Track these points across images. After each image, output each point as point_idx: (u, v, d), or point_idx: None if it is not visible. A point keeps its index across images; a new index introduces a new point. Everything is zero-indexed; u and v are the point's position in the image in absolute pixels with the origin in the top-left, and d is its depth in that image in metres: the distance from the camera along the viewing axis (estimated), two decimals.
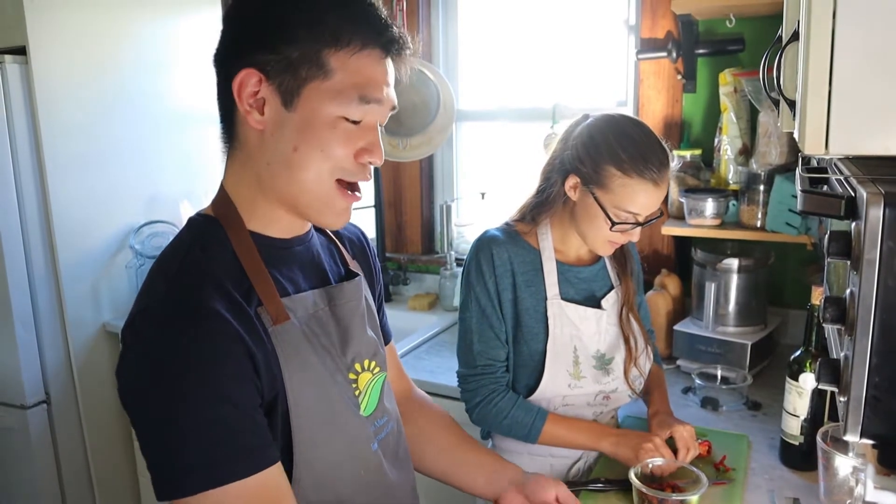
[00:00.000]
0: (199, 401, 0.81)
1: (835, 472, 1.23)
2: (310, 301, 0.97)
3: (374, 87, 0.89)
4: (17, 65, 2.19)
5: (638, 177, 1.32)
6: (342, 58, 0.86)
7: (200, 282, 0.86)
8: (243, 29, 0.89)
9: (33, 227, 2.27)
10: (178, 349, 0.81)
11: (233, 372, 0.83)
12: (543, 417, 1.42)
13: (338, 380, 0.97)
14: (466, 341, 1.46)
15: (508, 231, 1.47)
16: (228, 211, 0.93)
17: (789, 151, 1.93)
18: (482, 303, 1.43)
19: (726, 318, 2.00)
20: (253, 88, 0.86)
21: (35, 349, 2.33)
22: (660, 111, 2.25)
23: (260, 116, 0.87)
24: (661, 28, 2.20)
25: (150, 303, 0.86)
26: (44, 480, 2.41)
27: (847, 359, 0.71)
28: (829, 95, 0.72)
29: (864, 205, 0.66)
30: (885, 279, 0.67)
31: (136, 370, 0.84)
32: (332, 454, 0.95)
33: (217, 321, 0.83)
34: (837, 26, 0.70)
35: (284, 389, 0.89)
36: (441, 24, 2.71)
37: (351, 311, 1.02)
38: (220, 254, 0.90)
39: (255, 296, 0.89)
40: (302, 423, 0.91)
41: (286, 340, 0.90)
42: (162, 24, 2.58)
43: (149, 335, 0.83)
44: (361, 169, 0.91)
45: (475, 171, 2.81)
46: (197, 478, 0.81)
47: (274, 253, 0.95)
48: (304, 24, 0.85)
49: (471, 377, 1.46)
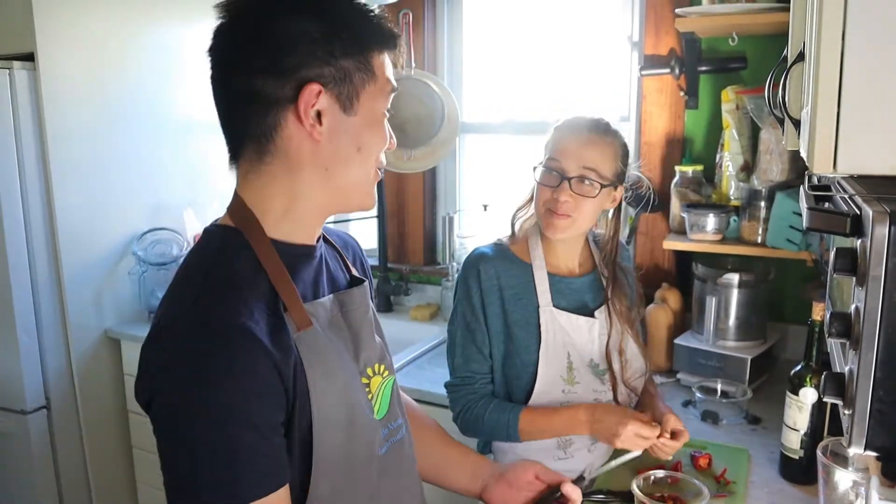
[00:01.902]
0: (223, 421, 0.81)
1: (835, 486, 1.24)
2: (328, 306, 0.99)
3: (391, 76, 0.96)
4: (26, 71, 2.20)
5: (566, 128, 1.47)
6: (377, 60, 0.93)
7: (227, 296, 0.86)
8: (285, 47, 0.87)
9: (37, 232, 2.28)
10: (206, 367, 0.81)
11: (259, 390, 0.84)
12: (517, 412, 1.44)
13: (355, 385, 0.98)
14: (451, 354, 1.52)
15: (498, 247, 1.53)
16: (247, 219, 0.94)
17: (790, 168, 1.95)
18: (467, 318, 1.49)
19: (726, 332, 2.02)
20: (313, 100, 0.87)
21: (37, 354, 2.33)
22: (662, 127, 2.27)
23: (320, 127, 0.89)
24: (664, 45, 2.23)
25: (177, 318, 0.86)
26: (42, 486, 2.40)
27: (852, 373, 0.73)
28: (838, 115, 0.73)
29: (870, 222, 0.68)
30: (890, 295, 0.68)
31: (161, 386, 0.84)
32: (351, 457, 0.96)
33: (244, 337, 0.83)
34: (846, 47, 0.72)
35: (309, 397, 0.90)
36: (446, 37, 2.74)
37: (361, 316, 1.04)
38: (245, 263, 0.91)
39: (281, 303, 0.90)
40: (324, 427, 0.92)
41: (310, 346, 0.91)
42: (170, 33, 2.59)
43: (176, 351, 0.83)
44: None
45: (478, 183, 2.83)
46: (211, 495, 0.82)
47: (295, 261, 0.96)
48: (349, 34, 0.89)
49: (451, 388, 1.52)
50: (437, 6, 2.71)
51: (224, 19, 0.90)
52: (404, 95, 2.58)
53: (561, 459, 1.49)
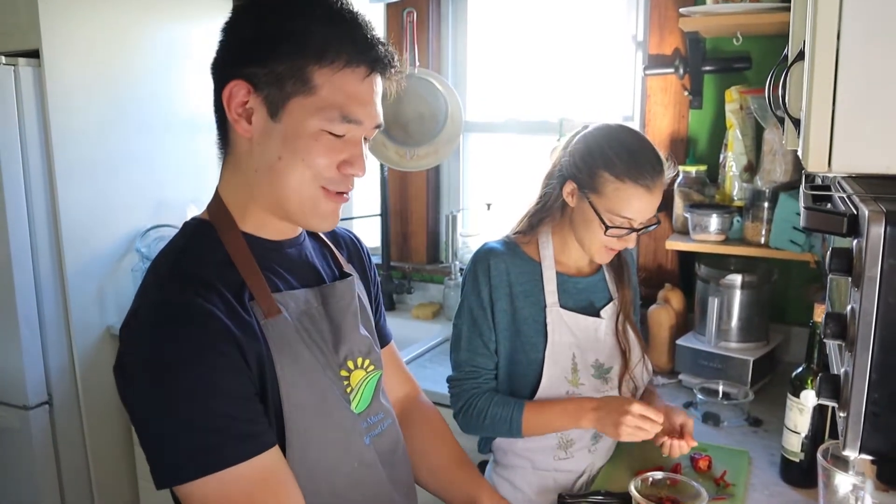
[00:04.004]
0: (192, 394, 0.84)
1: (835, 489, 1.23)
2: (301, 298, 0.99)
3: (357, 105, 0.91)
4: (31, 68, 2.21)
5: (630, 182, 1.35)
6: (326, 74, 0.89)
7: (190, 281, 0.89)
8: (237, 41, 0.93)
9: (41, 229, 2.29)
10: (170, 347, 0.84)
11: (224, 364, 0.86)
12: (521, 407, 1.42)
13: (328, 375, 0.99)
14: (456, 347, 1.50)
15: (508, 243, 1.50)
16: (221, 214, 0.97)
17: (794, 169, 1.94)
18: (474, 312, 1.46)
19: (729, 333, 2.00)
20: (242, 99, 0.91)
21: (39, 350, 2.34)
22: (666, 127, 2.26)
23: (248, 125, 0.92)
24: (668, 45, 2.22)
25: (143, 304, 0.90)
26: (44, 482, 2.41)
27: (847, 374, 0.72)
28: (833, 114, 0.73)
29: (866, 222, 0.67)
30: (885, 296, 0.67)
31: (130, 369, 0.87)
32: (325, 445, 0.98)
33: (206, 318, 0.86)
34: (842, 46, 0.72)
35: (276, 381, 0.92)
36: (450, 36, 2.73)
37: (343, 309, 1.05)
38: (212, 254, 0.94)
39: (247, 291, 0.93)
40: (294, 413, 0.94)
41: (278, 334, 0.93)
42: (174, 30, 2.60)
43: (141, 335, 0.87)
44: (344, 179, 0.94)
45: (481, 182, 2.82)
46: (195, 464, 0.84)
47: (265, 253, 0.98)
48: (290, 39, 0.89)
49: (455, 382, 1.49)
50: (441, 5, 2.70)
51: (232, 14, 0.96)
52: (408, 94, 2.58)
53: (562, 459, 1.48)
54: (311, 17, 0.90)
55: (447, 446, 1.30)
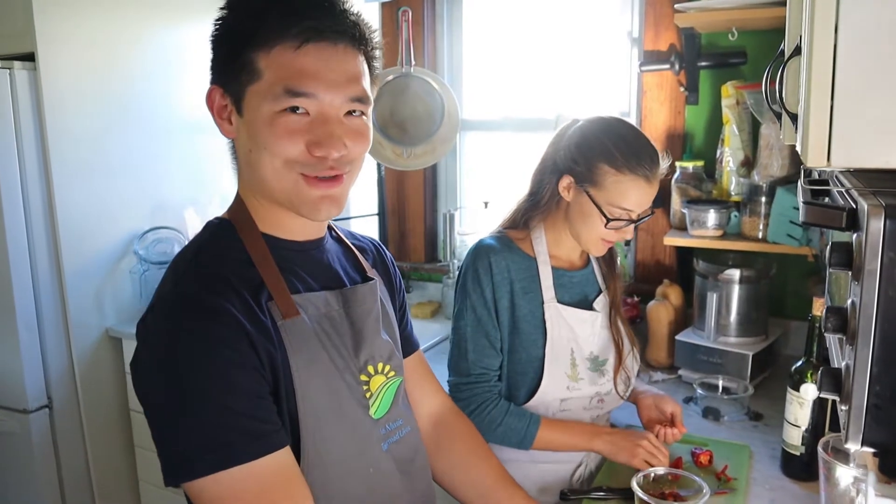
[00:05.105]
0: (206, 390, 0.84)
1: (836, 482, 1.23)
2: (321, 300, 0.99)
3: (300, 77, 0.88)
4: (26, 71, 2.20)
5: (631, 173, 1.36)
6: (266, 56, 0.89)
7: (207, 278, 0.90)
8: (211, 48, 0.95)
9: (38, 232, 2.28)
10: (185, 343, 0.84)
11: (239, 361, 0.86)
12: (537, 423, 1.42)
13: (346, 378, 0.98)
14: (461, 350, 1.46)
15: (503, 239, 1.49)
16: (241, 214, 0.98)
17: (791, 163, 1.94)
18: (478, 311, 1.44)
19: (728, 328, 2.01)
20: (220, 102, 0.94)
21: (38, 353, 2.33)
22: (662, 123, 2.26)
23: (230, 126, 0.95)
24: (664, 41, 2.22)
25: (160, 299, 0.90)
26: (44, 485, 2.41)
27: (848, 368, 0.72)
28: (832, 109, 0.73)
29: (866, 216, 0.67)
30: (885, 289, 0.68)
31: (145, 364, 0.87)
32: (340, 448, 0.97)
33: (221, 315, 0.86)
34: (839, 41, 0.72)
35: (292, 382, 0.92)
36: (446, 35, 2.73)
37: (364, 313, 1.04)
38: (231, 253, 0.95)
39: (266, 291, 0.93)
40: (309, 415, 0.93)
41: (295, 335, 0.93)
42: (171, 32, 2.59)
43: (157, 331, 0.87)
44: (318, 162, 0.91)
45: (478, 180, 2.83)
46: (206, 461, 0.83)
47: (286, 255, 0.98)
48: (236, 32, 0.90)
49: (464, 386, 1.46)
50: (436, 3, 2.70)
51: None
52: (404, 93, 2.58)
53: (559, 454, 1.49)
54: (248, 7, 0.90)
55: (490, 464, 1.27)
